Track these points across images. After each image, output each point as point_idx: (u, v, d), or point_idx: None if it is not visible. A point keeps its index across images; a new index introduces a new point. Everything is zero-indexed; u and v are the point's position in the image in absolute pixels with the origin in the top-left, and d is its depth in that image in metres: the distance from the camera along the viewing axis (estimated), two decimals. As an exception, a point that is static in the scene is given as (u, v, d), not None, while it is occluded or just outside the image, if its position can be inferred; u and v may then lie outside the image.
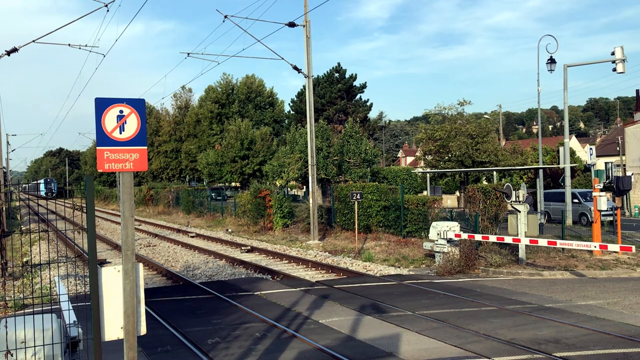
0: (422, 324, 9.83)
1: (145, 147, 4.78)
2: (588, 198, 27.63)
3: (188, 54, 24.95)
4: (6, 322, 4.55)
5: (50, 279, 15.46)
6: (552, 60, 29.84)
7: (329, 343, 8.72)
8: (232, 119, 60.13)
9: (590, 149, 33.69)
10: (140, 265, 4.72)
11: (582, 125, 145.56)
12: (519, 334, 9.08)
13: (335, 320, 10.28)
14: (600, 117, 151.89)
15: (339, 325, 9.90)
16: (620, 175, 32.52)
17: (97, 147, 4.60)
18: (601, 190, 17.36)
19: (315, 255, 19.73)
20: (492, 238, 15.89)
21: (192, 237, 27.84)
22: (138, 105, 4.74)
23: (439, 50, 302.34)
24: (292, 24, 23.36)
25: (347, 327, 9.77)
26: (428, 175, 35.51)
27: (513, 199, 15.99)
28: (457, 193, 44.21)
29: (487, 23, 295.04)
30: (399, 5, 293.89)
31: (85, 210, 4.48)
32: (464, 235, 15.84)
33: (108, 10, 18.11)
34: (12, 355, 4.35)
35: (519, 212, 15.77)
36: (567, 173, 28.69)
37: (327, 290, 13.28)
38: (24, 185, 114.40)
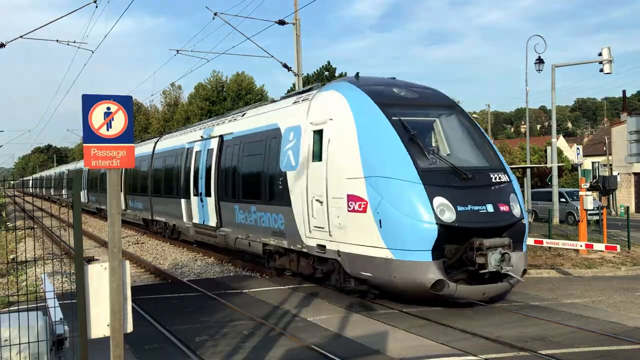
0: (410, 322, 9.88)
1: (133, 144, 4.77)
2: (575, 197, 27.89)
3: (177, 51, 24.86)
4: (-9, 319, 4.52)
5: (36, 276, 15.33)
6: (540, 61, 30.08)
7: (317, 341, 8.74)
8: (222, 116, 59.94)
9: (578, 148, 33.98)
10: (127, 262, 4.71)
11: (569, 125, 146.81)
12: (506, 332, 9.16)
13: (323, 318, 10.30)
14: (588, 117, 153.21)
15: (327, 323, 9.92)
16: (607, 175, 32.85)
17: (84, 144, 4.60)
18: (587, 190, 17.54)
19: (304, 253, 19.70)
20: (480, 237, 15.97)
21: (181, 234, 27.68)
22: (125, 102, 4.73)
23: (430, 49, 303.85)
24: (282, 22, 23.31)
25: (335, 325, 9.80)
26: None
27: (501, 198, 16.07)
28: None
29: (478, 22, 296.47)
30: (391, 4, 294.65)
31: (72, 207, 4.47)
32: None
33: (97, 6, 17.99)
34: (-3, 353, 4.33)
35: (507, 211, 15.86)
36: (555, 172, 28.95)
37: (316, 288, 13.30)
38: (35, 177, 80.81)
